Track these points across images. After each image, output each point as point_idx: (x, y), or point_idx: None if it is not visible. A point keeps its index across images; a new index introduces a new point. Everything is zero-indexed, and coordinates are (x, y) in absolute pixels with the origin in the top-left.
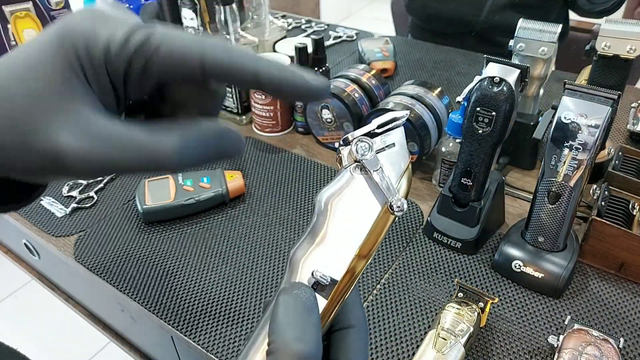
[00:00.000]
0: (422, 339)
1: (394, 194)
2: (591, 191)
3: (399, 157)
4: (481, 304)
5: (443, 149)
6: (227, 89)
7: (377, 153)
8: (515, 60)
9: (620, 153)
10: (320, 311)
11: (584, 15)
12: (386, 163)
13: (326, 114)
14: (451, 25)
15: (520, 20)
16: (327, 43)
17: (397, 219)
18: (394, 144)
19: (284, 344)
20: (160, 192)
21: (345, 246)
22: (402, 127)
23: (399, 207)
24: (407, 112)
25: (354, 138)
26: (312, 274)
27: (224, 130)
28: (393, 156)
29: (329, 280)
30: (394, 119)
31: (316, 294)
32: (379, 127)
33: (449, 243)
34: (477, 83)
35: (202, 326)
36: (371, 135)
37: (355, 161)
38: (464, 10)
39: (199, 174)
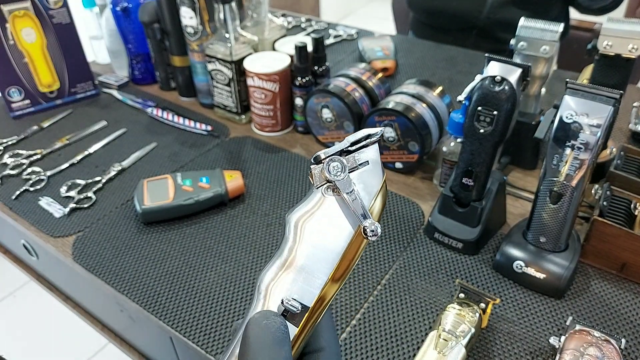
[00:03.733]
0: (423, 340)
1: (367, 217)
2: (593, 191)
3: (372, 176)
4: (482, 305)
5: (444, 149)
6: (227, 87)
7: (350, 172)
8: (516, 59)
9: (622, 153)
10: (291, 339)
11: (583, 12)
12: (359, 183)
13: (326, 114)
14: (453, 21)
15: (522, 19)
16: (327, 42)
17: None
18: (367, 162)
19: None
20: (159, 192)
21: (317, 271)
22: (377, 145)
23: (372, 231)
24: (382, 129)
25: (327, 157)
26: (282, 302)
27: None
28: (367, 175)
29: (299, 308)
30: (368, 136)
31: (287, 322)
32: (352, 144)
33: (450, 243)
34: (478, 82)
35: (201, 327)
36: (344, 152)
37: (327, 181)
38: (466, 6)
39: (198, 174)
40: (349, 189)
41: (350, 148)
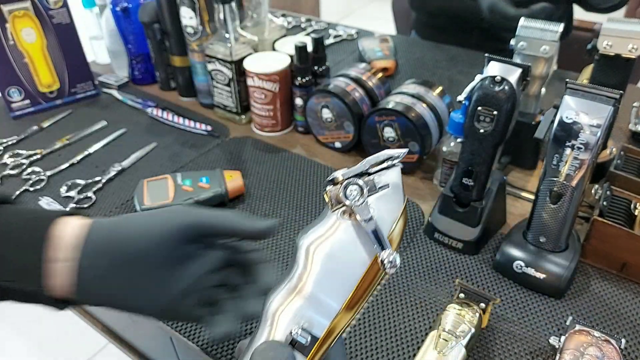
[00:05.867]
0: (423, 340)
1: (385, 247)
2: (593, 191)
3: (392, 200)
4: (482, 305)
5: (444, 149)
6: (227, 87)
7: (369, 195)
8: (516, 59)
9: (622, 153)
10: None
11: (590, 10)
12: (378, 208)
13: (326, 114)
14: (455, 21)
15: (522, 19)
16: (327, 42)
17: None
18: (388, 185)
19: None
20: (159, 192)
21: (329, 300)
22: (399, 167)
23: (390, 262)
24: (405, 150)
25: (345, 179)
26: (291, 333)
27: None
28: (386, 200)
29: (309, 340)
30: (390, 158)
31: (295, 353)
32: (372, 166)
33: (450, 243)
34: (478, 82)
35: (201, 327)
36: (363, 174)
37: (344, 205)
38: (467, 6)
39: (198, 174)
40: (367, 215)
41: (370, 170)
